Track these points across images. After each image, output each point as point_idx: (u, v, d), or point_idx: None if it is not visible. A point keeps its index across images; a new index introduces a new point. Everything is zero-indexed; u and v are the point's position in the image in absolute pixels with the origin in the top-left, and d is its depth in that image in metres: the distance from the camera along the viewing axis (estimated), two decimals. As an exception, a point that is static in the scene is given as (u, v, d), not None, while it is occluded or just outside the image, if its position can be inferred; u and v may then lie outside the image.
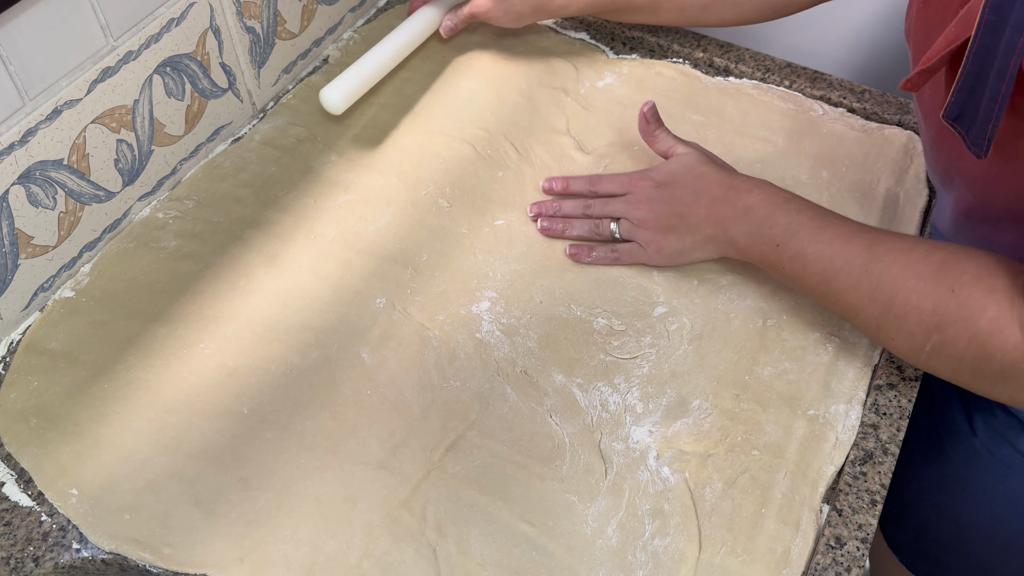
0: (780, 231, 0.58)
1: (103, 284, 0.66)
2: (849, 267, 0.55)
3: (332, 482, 0.55)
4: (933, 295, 0.50)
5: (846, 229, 0.56)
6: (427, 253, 0.67)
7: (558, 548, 0.52)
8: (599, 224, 0.66)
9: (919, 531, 0.75)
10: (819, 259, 0.56)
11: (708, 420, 0.58)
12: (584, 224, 0.67)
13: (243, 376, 0.60)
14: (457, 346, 0.62)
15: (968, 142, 0.47)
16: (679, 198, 0.63)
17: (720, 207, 0.61)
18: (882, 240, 0.55)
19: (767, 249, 0.59)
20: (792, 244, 0.57)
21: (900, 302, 0.52)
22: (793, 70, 0.81)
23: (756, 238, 0.59)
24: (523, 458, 0.56)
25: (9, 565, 0.52)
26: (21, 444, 0.57)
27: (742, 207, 0.60)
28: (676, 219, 0.63)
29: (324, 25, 0.83)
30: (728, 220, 0.61)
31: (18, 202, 0.60)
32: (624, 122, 0.77)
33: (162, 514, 0.54)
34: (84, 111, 0.62)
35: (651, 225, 0.64)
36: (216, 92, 0.73)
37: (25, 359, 0.61)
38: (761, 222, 0.59)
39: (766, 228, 0.59)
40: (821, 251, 0.56)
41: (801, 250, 0.57)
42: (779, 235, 0.58)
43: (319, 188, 0.72)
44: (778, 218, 0.58)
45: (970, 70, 0.44)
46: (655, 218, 0.64)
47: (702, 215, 0.62)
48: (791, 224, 0.57)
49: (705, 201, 0.62)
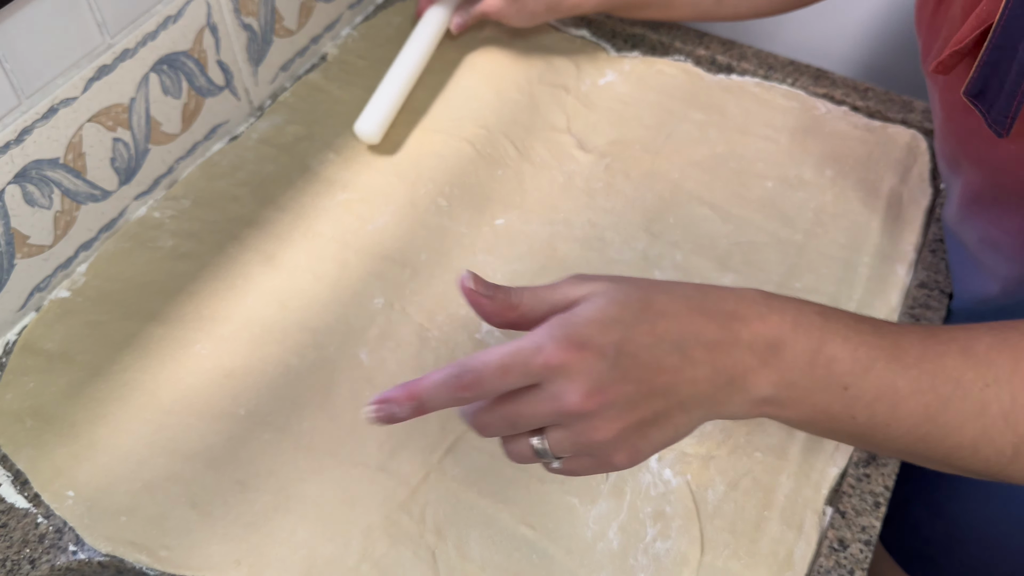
0: (844, 367, 0.39)
1: (99, 284, 0.65)
2: (963, 391, 0.39)
3: (330, 484, 0.55)
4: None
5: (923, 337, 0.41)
6: (426, 253, 0.67)
7: (559, 551, 0.52)
8: (509, 450, 0.40)
9: (912, 530, 0.74)
10: (917, 391, 0.39)
11: (710, 423, 0.57)
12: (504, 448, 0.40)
13: (240, 377, 0.60)
14: (456, 346, 0.61)
15: (989, 120, 0.44)
16: (651, 365, 0.37)
17: (724, 355, 0.38)
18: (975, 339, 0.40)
19: (828, 398, 0.39)
20: (871, 381, 0.39)
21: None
22: (796, 67, 0.80)
23: (805, 388, 0.39)
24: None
25: (5, 567, 0.52)
26: (17, 445, 0.57)
27: (762, 345, 0.39)
28: (656, 401, 0.38)
29: (322, 22, 0.82)
30: (746, 372, 0.39)
31: (14, 201, 0.59)
32: (625, 120, 0.76)
33: (159, 516, 0.53)
34: (80, 109, 0.61)
35: (610, 429, 0.37)
36: (213, 90, 0.73)
37: (21, 360, 0.61)
38: (805, 362, 0.39)
39: (819, 369, 0.39)
40: (918, 379, 0.39)
41: (888, 385, 0.39)
42: (844, 373, 0.39)
43: (317, 187, 0.72)
44: (833, 348, 0.39)
45: (996, 43, 0.42)
46: (618, 414, 0.37)
47: (702, 377, 0.38)
48: (858, 353, 0.39)
49: (699, 353, 0.38)
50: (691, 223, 0.69)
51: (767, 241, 0.67)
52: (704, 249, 0.67)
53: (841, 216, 0.69)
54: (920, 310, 0.63)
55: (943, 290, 0.64)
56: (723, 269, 0.65)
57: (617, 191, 0.71)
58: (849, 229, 0.68)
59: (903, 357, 0.40)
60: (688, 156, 0.73)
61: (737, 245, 0.67)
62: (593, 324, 0.37)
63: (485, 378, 0.36)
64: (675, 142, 0.74)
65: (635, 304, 0.38)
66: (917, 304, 0.64)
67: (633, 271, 0.65)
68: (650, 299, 0.38)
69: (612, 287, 0.39)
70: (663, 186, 0.71)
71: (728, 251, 0.67)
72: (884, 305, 0.63)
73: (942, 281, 0.65)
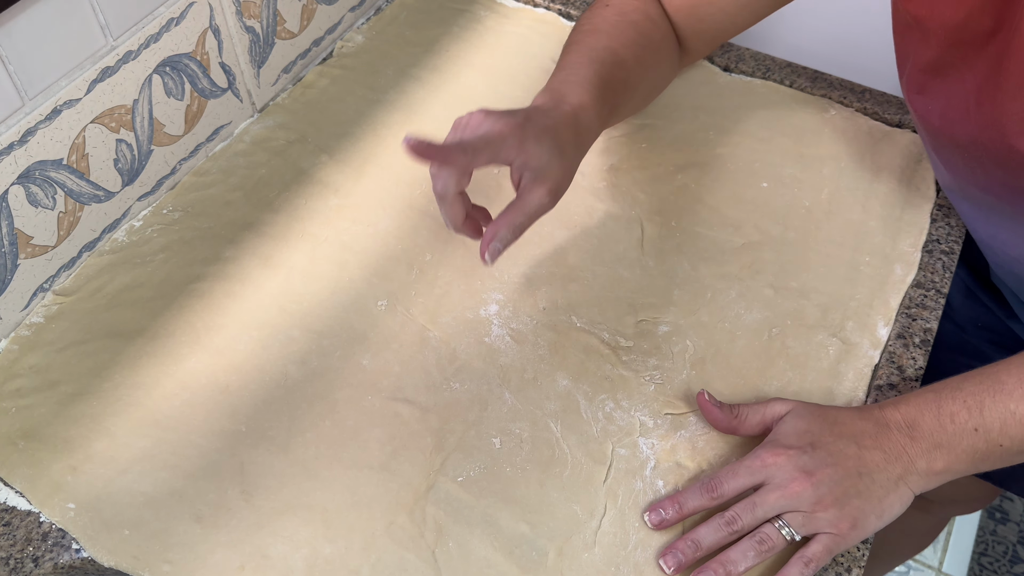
0: (963, 416, 0.51)
1: (80, 300, 0.65)
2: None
3: (333, 487, 0.55)
4: None
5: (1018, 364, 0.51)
6: (430, 253, 0.67)
7: (552, 551, 0.52)
8: (762, 537, 0.50)
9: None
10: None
11: (703, 438, 0.57)
12: (746, 549, 0.50)
13: (241, 383, 0.60)
14: (459, 348, 0.62)
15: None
16: (840, 452, 0.51)
17: (885, 440, 0.51)
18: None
19: (970, 442, 0.50)
20: (990, 416, 0.50)
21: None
22: (793, 70, 0.81)
23: (949, 444, 0.51)
24: (523, 461, 0.56)
25: (8, 565, 0.52)
26: (11, 467, 0.56)
27: (905, 427, 0.52)
28: (854, 478, 0.50)
29: (324, 24, 0.82)
30: (904, 448, 0.51)
31: (17, 202, 0.60)
32: (626, 118, 0.77)
33: (162, 531, 0.53)
34: (83, 111, 0.62)
35: (828, 501, 0.50)
36: (216, 92, 0.73)
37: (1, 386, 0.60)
38: (937, 426, 0.51)
39: (948, 426, 0.51)
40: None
41: (1006, 412, 0.50)
42: (966, 420, 0.50)
43: (311, 190, 0.72)
44: (948, 407, 0.51)
45: None
46: (829, 489, 0.50)
47: (879, 458, 0.51)
48: (968, 401, 0.51)
49: (868, 442, 0.51)
50: (693, 224, 0.69)
51: (763, 241, 0.68)
52: (711, 256, 0.67)
53: (839, 215, 0.69)
54: (916, 310, 0.64)
55: (939, 290, 0.65)
56: (730, 282, 0.65)
57: (623, 192, 0.71)
58: (849, 229, 0.69)
59: (1003, 387, 0.50)
60: (691, 156, 0.74)
61: (738, 247, 0.68)
62: (791, 435, 0.53)
63: (723, 478, 0.52)
64: (679, 141, 0.75)
65: (818, 418, 0.53)
66: (914, 304, 0.64)
67: (639, 289, 0.66)
68: (827, 414, 0.53)
69: (802, 407, 0.54)
70: (667, 187, 0.72)
71: (732, 254, 0.67)
72: (883, 305, 0.64)
73: (939, 281, 0.65)
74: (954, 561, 1.30)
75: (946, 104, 0.56)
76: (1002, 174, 0.55)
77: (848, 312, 0.63)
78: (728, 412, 0.56)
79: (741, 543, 0.51)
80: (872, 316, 0.63)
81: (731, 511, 0.51)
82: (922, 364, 0.61)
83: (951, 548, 1.32)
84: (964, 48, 0.52)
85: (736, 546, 0.51)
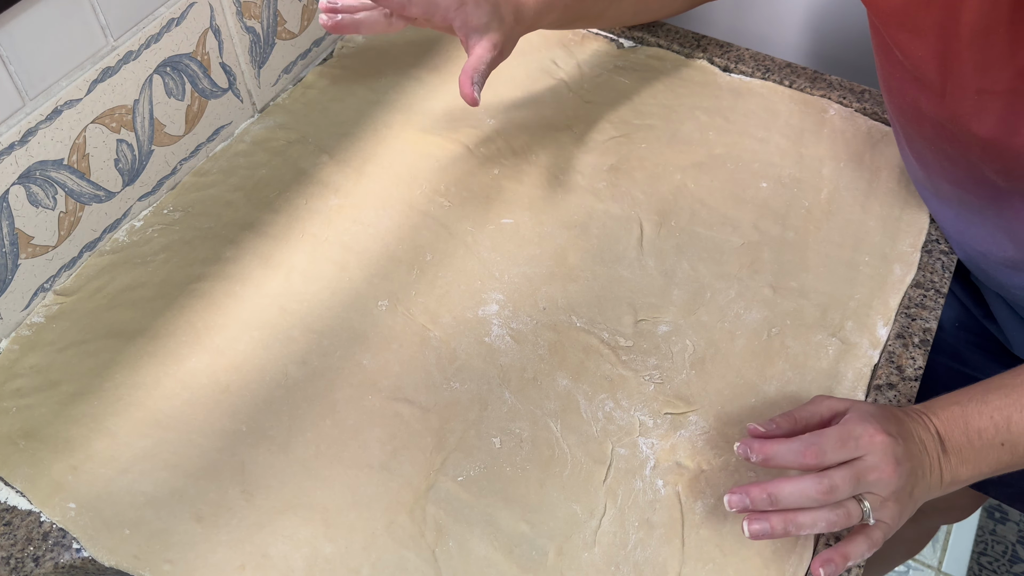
0: (990, 432, 0.52)
1: (81, 300, 0.65)
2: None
3: (334, 486, 0.55)
4: None
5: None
6: (431, 254, 0.67)
7: (551, 550, 0.52)
8: (846, 511, 0.49)
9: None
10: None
11: (702, 438, 0.58)
12: (820, 518, 0.48)
13: (242, 383, 0.60)
14: (459, 347, 0.62)
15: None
16: (913, 453, 0.51)
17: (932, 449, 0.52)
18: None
19: (995, 455, 0.52)
20: (1016, 430, 0.51)
21: None
22: (793, 70, 0.81)
23: (975, 459, 0.52)
24: (523, 461, 0.56)
25: (9, 565, 0.52)
26: (12, 467, 0.56)
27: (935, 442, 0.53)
28: (915, 479, 0.51)
29: (324, 25, 0.82)
30: (939, 459, 0.52)
31: (18, 202, 0.60)
32: (627, 117, 0.77)
33: (162, 531, 0.53)
34: (84, 111, 0.62)
35: (902, 495, 0.50)
36: (216, 92, 0.73)
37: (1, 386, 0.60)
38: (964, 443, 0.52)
39: (975, 442, 0.52)
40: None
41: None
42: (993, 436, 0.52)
43: (311, 190, 0.72)
44: (976, 423, 0.52)
45: None
46: (904, 484, 0.50)
47: (933, 464, 0.52)
48: (995, 417, 0.52)
49: (931, 447, 0.52)
50: (693, 224, 0.69)
51: (763, 241, 0.68)
52: (710, 255, 0.67)
53: (838, 215, 0.70)
54: (916, 310, 0.64)
55: (939, 290, 0.65)
56: (729, 281, 0.66)
57: (623, 192, 0.71)
58: (848, 229, 0.69)
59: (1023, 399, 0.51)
60: (690, 156, 0.74)
61: (737, 247, 0.68)
62: (882, 419, 0.51)
63: (824, 448, 0.49)
64: (679, 141, 0.75)
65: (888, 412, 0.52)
66: (913, 304, 0.64)
67: (639, 288, 0.66)
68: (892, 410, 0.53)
69: (859, 403, 0.53)
70: (666, 188, 0.72)
71: (731, 254, 0.67)
72: (883, 305, 0.64)
73: (938, 281, 0.66)
74: (954, 561, 1.30)
75: (915, 95, 0.57)
76: (966, 163, 0.55)
77: (847, 312, 0.64)
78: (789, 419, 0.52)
79: (822, 511, 0.48)
80: (871, 316, 0.63)
81: (830, 480, 0.48)
82: (921, 364, 0.61)
83: (951, 548, 1.32)
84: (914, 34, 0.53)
85: (808, 511, 0.48)
